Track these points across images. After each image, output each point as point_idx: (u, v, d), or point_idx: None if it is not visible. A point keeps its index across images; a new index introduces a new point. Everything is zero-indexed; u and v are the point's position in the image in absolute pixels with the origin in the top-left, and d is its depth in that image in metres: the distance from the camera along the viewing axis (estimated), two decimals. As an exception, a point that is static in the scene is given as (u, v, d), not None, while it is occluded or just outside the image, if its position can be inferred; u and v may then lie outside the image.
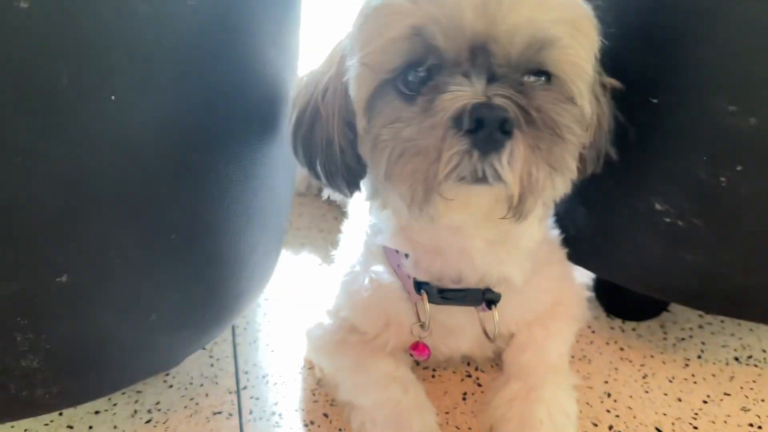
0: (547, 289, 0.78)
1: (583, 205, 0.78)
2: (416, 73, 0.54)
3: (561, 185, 0.57)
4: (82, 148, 0.53)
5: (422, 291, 0.69)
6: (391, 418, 0.70)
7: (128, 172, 0.56)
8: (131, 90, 0.53)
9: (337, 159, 0.62)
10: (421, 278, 0.69)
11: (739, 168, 0.67)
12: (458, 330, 0.75)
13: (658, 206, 0.72)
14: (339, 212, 1.17)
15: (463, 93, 0.51)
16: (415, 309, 0.71)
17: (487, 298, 0.69)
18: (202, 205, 0.62)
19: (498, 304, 0.70)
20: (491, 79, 0.52)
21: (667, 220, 0.73)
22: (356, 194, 0.67)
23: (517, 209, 0.54)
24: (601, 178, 0.71)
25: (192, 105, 0.58)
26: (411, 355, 0.75)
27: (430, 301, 0.69)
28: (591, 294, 0.94)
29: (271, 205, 0.73)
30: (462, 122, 0.50)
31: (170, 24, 0.53)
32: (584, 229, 0.77)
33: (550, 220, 0.80)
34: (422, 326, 0.70)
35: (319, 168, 0.65)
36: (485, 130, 0.49)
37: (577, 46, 0.56)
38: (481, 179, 0.51)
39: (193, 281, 0.65)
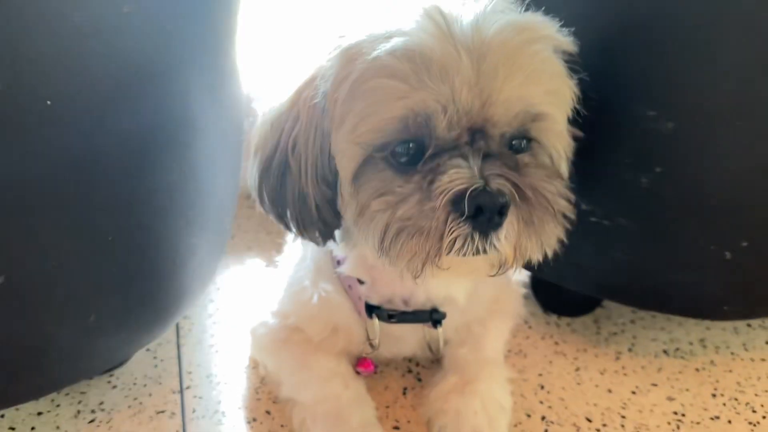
0: (487, 294, 0.80)
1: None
2: (406, 146, 0.55)
3: (546, 248, 0.60)
4: (18, 153, 0.54)
5: (373, 315, 0.72)
6: (330, 413, 0.72)
7: (64, 175, 0.57)
8: (67, 95, 0.54)
9: (312, 214, 0.62)
10: (372, 301, 0.72)
11: (658, 169, 0.71)
12: (403, 339, 0.78)
13: (584, 206, 0.76)
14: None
15: (461, 176, 0.53)
16: (364, 323, 0.74)
17: (434, 319, 0.73)
18: (140, 207, 0.63)
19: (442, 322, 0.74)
20: (485, 155, 0.55)
21: (594, 219, 0.76)
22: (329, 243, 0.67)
23: (505, 269, 0.58)
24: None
25: (130, 109, 0.59)
26: (357, 372, 0.78)
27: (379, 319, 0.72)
28: (528, 291, 0.97)
29: (212, 208, 0.75)
30: (462, 207, 0.52)
31: (106, 32, 0.54)
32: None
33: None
34: (371, 345, 0.74)
35: (290, 220, 0.64)
36: (485, 216, 0.52)
37: (560, 115, 0.60)
38: (479, 251, 0.54)
39: (131, 283, 0.66)
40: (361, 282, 0.71)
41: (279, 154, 0.61)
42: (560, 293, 0.93)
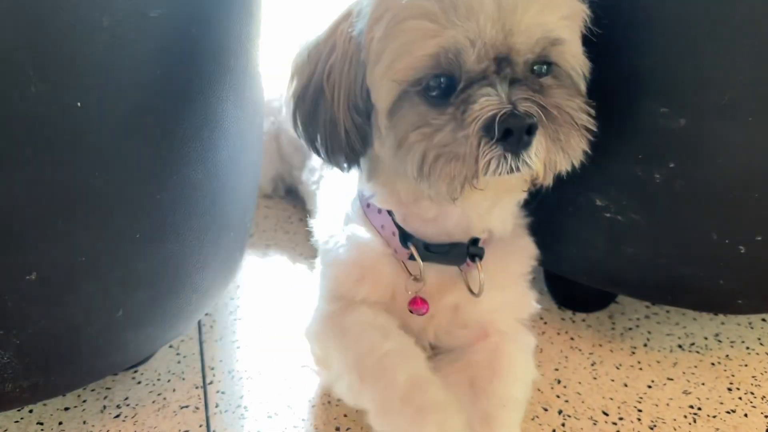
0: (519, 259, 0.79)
1: (532, 203, 0.83)
2: (438, 81, 0.59)
3: (573, 160, 0.63)
4: (50, 154, 0.56)
5: (409, 244, 0.71)
6: (372, 369, 0.67)
7: (93, 175, 0.59)
8: (96, 97, 0.56)
9: (341, 140, 0.65)
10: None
11: (671, 165, 0.72)
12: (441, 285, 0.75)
13: (598, 202, 0.77)
14: (304, 214, 1.20)
15: (491, 102, 0.57)
16: (399, 266, 0.74)
17: (471, 253, 0.72)
18: (166, 206, 0.65)
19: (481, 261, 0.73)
20: (512, 81, 0.59)
21: (608, 215, 0.77)
22: (353, 170, 0.69)
23: (536, 184, 0.63)
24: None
25: (156, 110, 0.61)
26: (411, 312, 0.74)
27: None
28: (542, 287, 0.98)
29: (234, 206, 0.76)
30: (493, 132, 0.56)
31: (134, 35, 0.57)
32: (533, 224, 0.81)
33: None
34: (415, 279, 0.73)
35: (319, 144, 0.68)
36: (515, 137, 0.56)
37: (576, 38, 0.64)
38: (512, 170, 0.58)
39: (157, 279, 0.68)
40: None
41: (314, 81, 0.65)
42: (575, 289, 0.94)
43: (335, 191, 0.81)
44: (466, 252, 0.72)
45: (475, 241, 0.73)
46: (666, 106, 0.71)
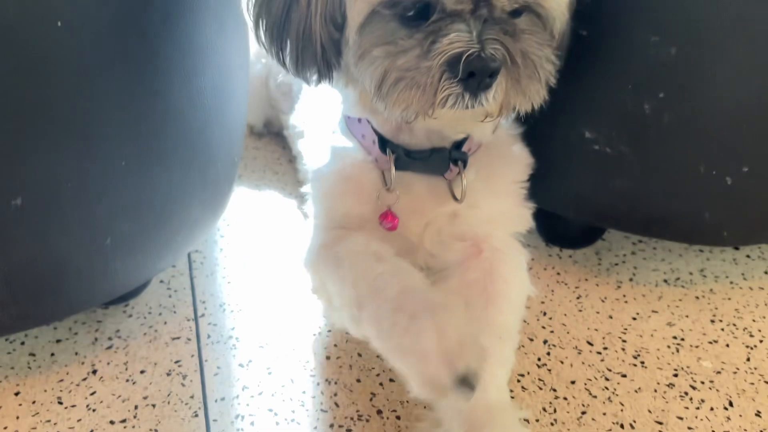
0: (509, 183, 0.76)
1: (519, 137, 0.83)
2: (414, 4, 0.57)
3: (533, 103, 0.63)
4: (32, 77, 0.55)
5: (388, 151, 0.69)
6: (367, 292, 0.64)
7: (77, 99, 0.58)
8: (77, 17, 0.55)
9: (316, 53, 0.63)
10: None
11: (661, 95, 0.72)
12: (421, 196, 0.72)
13: (587, 134, 0.77)
14: (293, 156, 1.19)
15: (460, 39, 0.56)
16: (381, 177, 0.71)
17: (454, 157, 0.70)
18: (151, 133, 0.65)
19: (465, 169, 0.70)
20: (486, 20, 0.57)
21: (596, 147, 0.77)
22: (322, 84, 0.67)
23: (491, 119, 0.62)
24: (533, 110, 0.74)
25: (137, 33, 0.60)
26: (381, 224, 0.71)
27: (396, 165, 0.69)
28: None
29: (221, 137, 0.76)
30: (456, 70, 0.55)
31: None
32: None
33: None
34: (387, 190, 0.70)
35: (288, 56, 0.64)
36: (476, 79, 0.56)
37: None
38: (468, 108, 0.58)
39: (145, 208, 0.68)
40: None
41: None
42: (562, 225, 0.94)
43: (322, 112, 0.79)
44: (449, 157, 0.70)
45: (459, 146, 0.71)
46: (657, 35, 0.70)
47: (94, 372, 0.77)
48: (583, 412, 0.72)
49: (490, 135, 0.72)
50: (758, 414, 0.72)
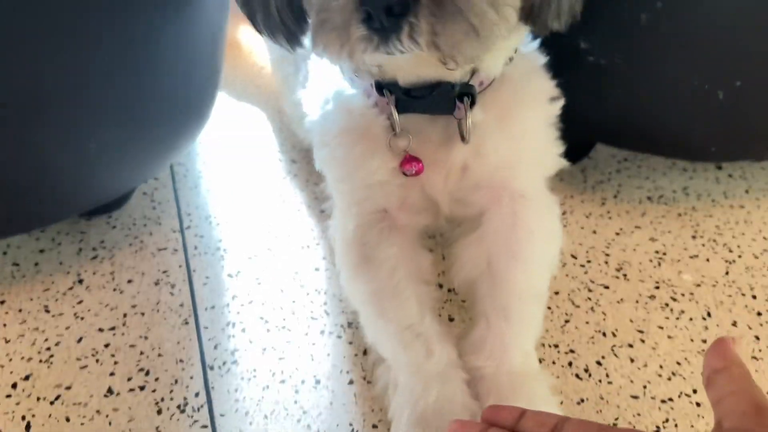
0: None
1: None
2: None
3: (498, 35, 0.52)
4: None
5: (385, 92, 0.61)
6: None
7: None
8: None
9: (275, 18, 0.58)
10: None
11: (659, 5, 0.70)
12: (429, 137, 0.64)
13: (582, 45, 0.76)
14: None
15: None
16: (388, 123, 0.63)
17: (461, 92, 0.60)
18: (135, 35, 0.62)
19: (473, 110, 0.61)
20: None
21: (591, 59, 0.76)
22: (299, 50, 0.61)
23: (450, 63, 0.52)
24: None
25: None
26: (404, 173, 0.64)
27: (399, 108, 0.61)
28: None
29: (203, 43, 0.73)
30: (360, 10, 0.48)
31: None
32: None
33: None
34: (395, 135, 0.62)
35: (259, 23, 0.59)
36: (375, 21, 0.48)
37: None
38: (385, 53, 0.50)
39: (128, 112, 0.65)
40: None
41: None
42: (551, 142, 0.94)
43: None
44: (453, 93, 0.60)
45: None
46: (657, -59, 0.68)
47: (81, 281, 0.76)
48: (567, 321, 0.74)
49: (501, 68, 0.62)
50: (734, 324, 0.75)
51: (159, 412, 0.62)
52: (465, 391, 0.59)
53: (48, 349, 0.68)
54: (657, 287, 0.79)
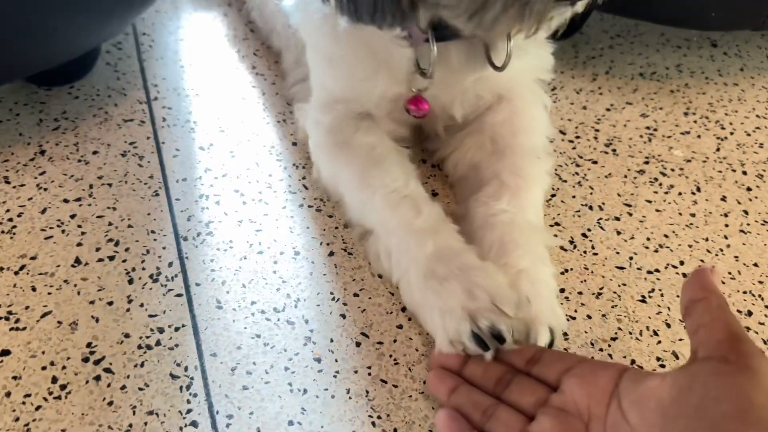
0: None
1: None
2: None
3: None
4: None
5: (430, 32, 0.58)
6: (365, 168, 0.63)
7: None
8: None
9: None
10: None
11: None
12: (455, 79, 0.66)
13: None
14: None
15: None
16: (411, 55, 0.61)
17: None
18: None
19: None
20: None
21: None
22: None
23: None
24: None
25: None
26: (408, 111, 0.66)
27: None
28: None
29: None
30: None
31: None
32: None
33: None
34: (423, 73, 0.61)
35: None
36: None
37: None
38: None
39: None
40: None
41: None
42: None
43: None
44: None
45: None
46: None
47: (42, 152, 0.71)
48: (553, 195, 0.72)
49: None
50: (723, 198, 0.73)
51: (131, 281, 0.59)
52: (459, 239, 0.59)
53: (10, 219, 0.64)
54: (646, 162, 0.77)
